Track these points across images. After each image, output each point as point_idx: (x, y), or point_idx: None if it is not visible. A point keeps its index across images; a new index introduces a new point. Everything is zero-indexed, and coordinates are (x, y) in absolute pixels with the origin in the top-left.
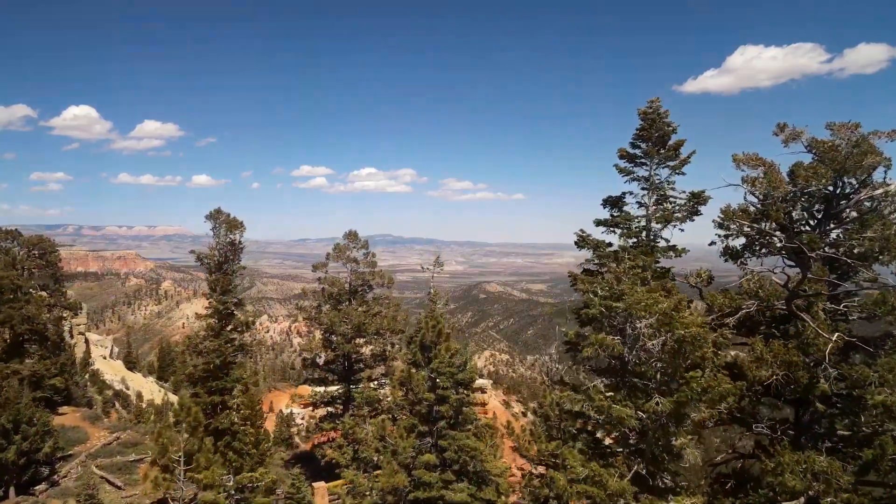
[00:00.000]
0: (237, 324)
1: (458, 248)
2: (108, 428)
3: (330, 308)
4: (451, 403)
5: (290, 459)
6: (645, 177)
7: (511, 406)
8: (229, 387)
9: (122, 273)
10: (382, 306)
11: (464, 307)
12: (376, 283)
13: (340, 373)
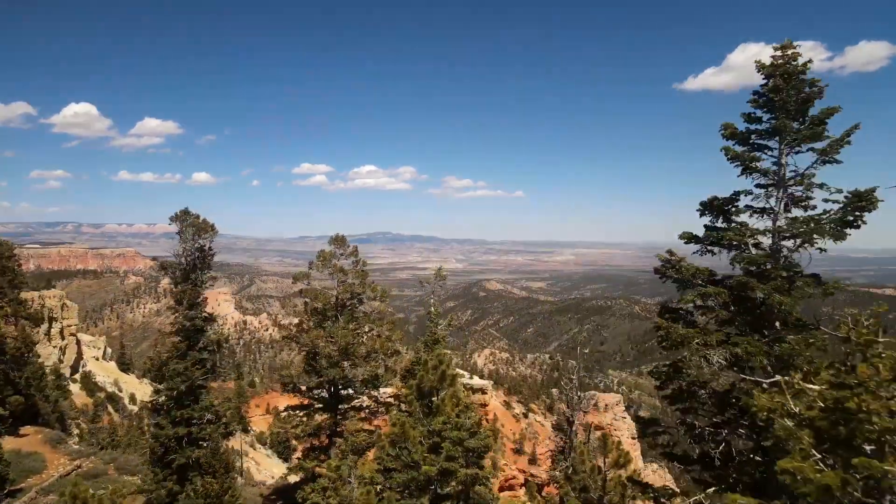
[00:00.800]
0: (207, 342)
1: (458, 245)
2: (70, 454)
3: (313, 326)
4: (459, 479)
5: (278, 488)
6: (771, 168)
7: (512, 406)
8: (197, 416)
9: (121, 271)
10: (375, 323)
11: (463, 305)
12: (368, 297)
13: (325, 401)
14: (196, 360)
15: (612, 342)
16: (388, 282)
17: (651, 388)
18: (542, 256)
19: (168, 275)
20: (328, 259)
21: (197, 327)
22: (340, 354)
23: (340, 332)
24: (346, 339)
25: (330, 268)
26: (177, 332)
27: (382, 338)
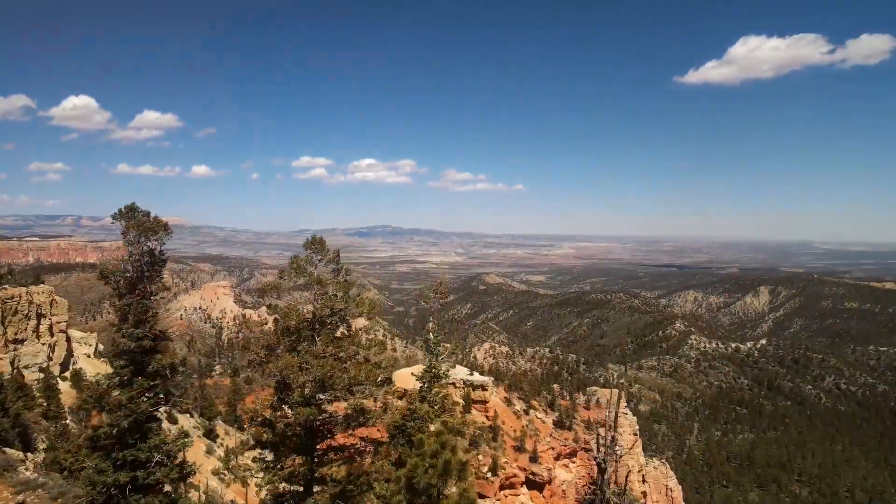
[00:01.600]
0: (158, 367)
1: (458, 239)
2: (16, 486)
3: (284, 349)
4: None
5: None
6: None
7: (513, 403)
8: (144, 458)
9: None
10: (360, 346)
11: (463, 299)
12: (352, 313)
13: (298, 444)
14: (143, 389)
15: (612, 336)
16: (387, 275)
17: (651, 381)
18: (541, 250)
19: (110, 284)
20: (303, 267)
21: (145, 348)
22: (317, 386)
23: (315, 363)
24: (324, 368)
25: (305, 276)
26: (119, 354)
27: (368, 368)
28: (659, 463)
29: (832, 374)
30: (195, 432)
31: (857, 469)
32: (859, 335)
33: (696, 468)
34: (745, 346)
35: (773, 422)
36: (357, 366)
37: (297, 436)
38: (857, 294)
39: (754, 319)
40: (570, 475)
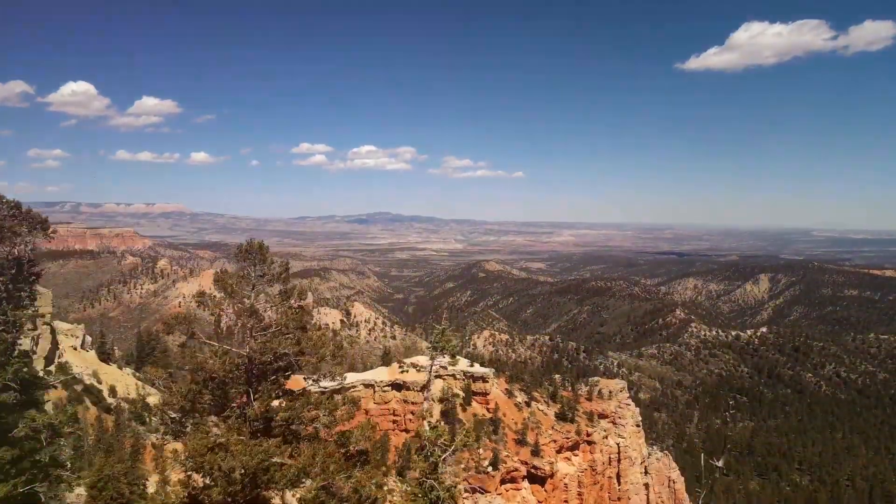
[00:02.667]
0: (27, 432)
1: (458, 226)
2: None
3: (204, 415)
4: None
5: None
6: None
7: (514, 395)
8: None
9: (119, 251)
10: (322, 408)
11: (462, 286)
12: (308, 360)
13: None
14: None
15: (612, 323)
16: (387, 262)
17: (651, 369)
18: (541, 237)
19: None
20: (233, 288)
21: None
22: (249, 478)
23: (243, 446)
24: (258, 457)
25: (238, 300)
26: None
27: (328, 449)
28: (662, 454)
29: (832, 362)
30: None
31: (858, 457)
32: (860, 323)
33: (696, 457)
34: (746, 334)
35: (774, 410)
36: (313, 447)
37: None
38: (857, 281)
39: (754, 307)
40: (573, 468)
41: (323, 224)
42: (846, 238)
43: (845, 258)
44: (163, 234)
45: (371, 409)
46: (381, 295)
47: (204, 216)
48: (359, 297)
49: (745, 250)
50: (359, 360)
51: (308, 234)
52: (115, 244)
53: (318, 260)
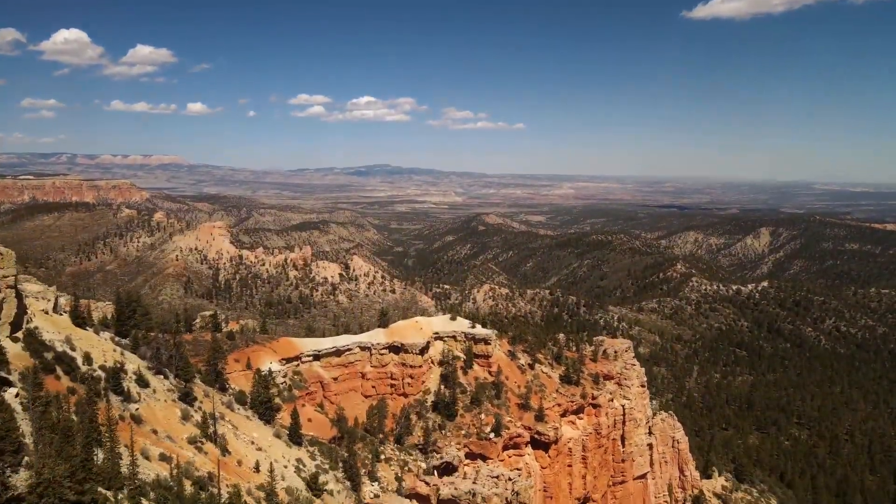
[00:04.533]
0: None
1: (457, 178)
2: None
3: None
4: None
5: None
6: None
7: (517, 357)
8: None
9: (116, 203)
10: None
11: (462, 239)
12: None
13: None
14: None
15: (612, 277)
16: (386, 215)
17: (652, 323)
18: (541, 190)
19: None
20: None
21: None
22: None
23: None
24: None
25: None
26: None
27: None
28: (666, 415)
29: (832, 317)
30: (169, 396)
31: (857, 411)
32: (860, 277)
33: (695, 411)
34: (746, 289)
35: (773, 364)
36: None
37: None
38: (858, 235)
39: (754, 261)
40: (577, 432)
41: (322, 176)
42: (847, 191)
43: (846, 212)
44: (160, 186)
45: (368, 373)
46: (381, 248)
47: (202, 168)
48: (358, 251)
49: (746, 203)
50: (358, 312)
51: (307, 187)
52: (113, 196)
53: (317, 212)
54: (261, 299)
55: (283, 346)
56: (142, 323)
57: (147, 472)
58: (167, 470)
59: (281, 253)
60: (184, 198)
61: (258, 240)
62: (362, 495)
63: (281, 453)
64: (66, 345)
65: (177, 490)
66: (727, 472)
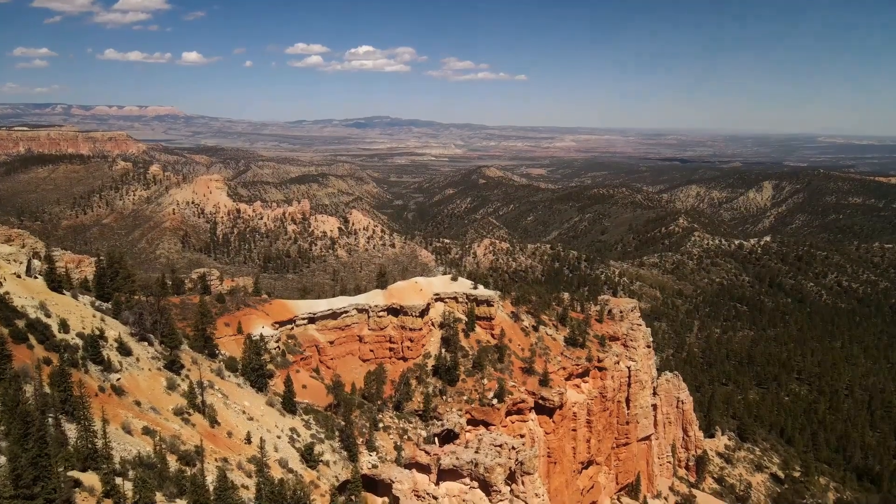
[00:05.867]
0: None
1: (458, 130)
2: None
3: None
4: None
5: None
6: None
7: (520, 318)
8: None
9: (113, 155)
10: None
11: (462, 192)
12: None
13: None
14: None
15: (614, 231)
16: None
17: (653, 278)
18: (542, 142)
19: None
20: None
21: None
22: None
23: None
24: None
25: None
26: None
27: None
28: (671, 375)
29: (834, 272)
30: (154, 364)
31: (857, 367)
32: (863, 231)
33: (695, 367)
34: (749, 243)
35: (774, 319)
36: None
37: None
38: (861, 189)
39: (756, 215)
40: (582, 396)
41: (320, 128)
42: (852, 144)
43: (850, 165)
44: (157, 138)
45: (366, 337)
46: (380, 201)
47: (199, 120)
48: (357, 204)
49: (749, 156)
50: (358, 267)
51: (305, 139)
52: (109, 148)
53: (316, 165)
54: (259, 254)
55: (276, 309)
56: (124, 286)
57: (128, 449)
58: (151, 445)
59: (279, 207)
60: (181, 150)
61: (256, 193)
62: (360, 466)
63: (274, 423)
64: (40, 311)
65: (160, 468)
66: (730, 431)
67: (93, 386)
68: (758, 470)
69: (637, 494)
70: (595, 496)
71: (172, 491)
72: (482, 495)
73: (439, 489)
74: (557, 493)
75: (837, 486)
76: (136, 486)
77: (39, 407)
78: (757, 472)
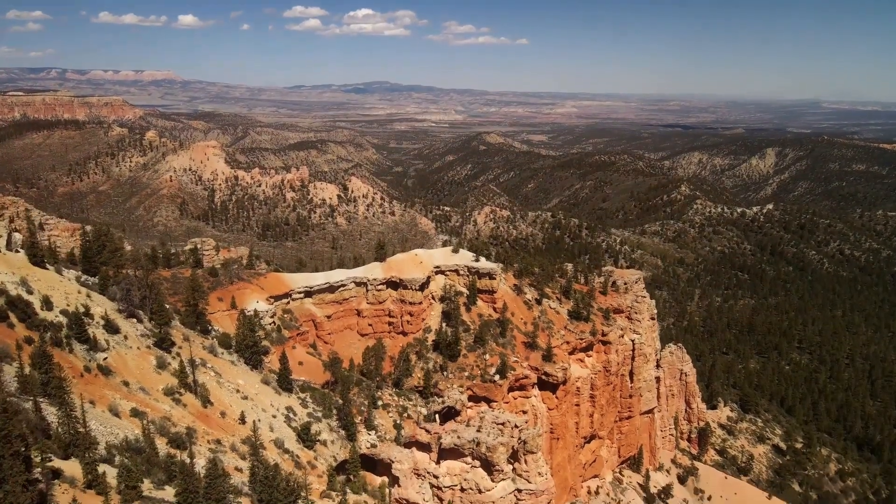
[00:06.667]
0: None
1: (458, 96)
2: None
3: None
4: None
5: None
6: None
7: (523, 291)
8: None
9: (110, 120)
10: None
11: (463, 159)
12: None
13: None
14: None
15: (615, 199)
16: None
17: (654, 247)
18: (543, 108)
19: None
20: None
21: None
22: None
23: None
24: None
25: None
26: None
27: None
28: (675, 347)
29: (837, 240)
30: (143, 342)
31: (858, 335)
32: (866, 199)
33: (696, 335)
34: (751, 211)
35: (775, 288)
36: None
37: None
38: (865, 156)
39: (758, 182)
40: (586, 371)
41: (319, 94)
42: (856, 110)
43: (854, 131)
44: (154, 104)
45: (364, 311)
46: (380, 168)
47: (196, 85)
48: (357, 171)
49: (752, 123)
50: (357, 235)
51: (304, 104)
52: (105, 114)
53: (315, 131)
54: (258, 221)
55: (271, 283)
56: (112, 259)
57: (115, 432)
58: (140, 427)
59: (278, 174)
60: (178, 115)
61: (255, 159)
62: (358, 445)
63: (269, 401)
64: (21, 287)
65: (148, 453)
66: (732, 403)
67: (78, 366)
68: (760, 441)
69: (639, 467)
70: (597, 470)
71: (161, 478)
72: (484, 474)
73: (440, 468)
74: (560, 468)
75: (839, 458)
76: (120, 475)
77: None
78: (759, 443)
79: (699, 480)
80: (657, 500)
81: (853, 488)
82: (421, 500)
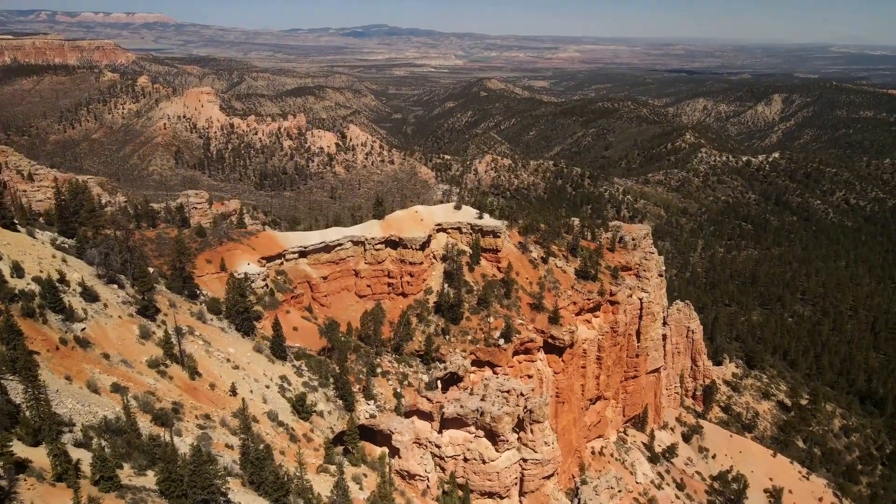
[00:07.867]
0: None
1: (458, 40)
2: None
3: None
4: None
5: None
6: None
7: (528, 250)
8: None
9: (102, 65)
10: None
11: (463, 106)
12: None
13: None
14: None
15: (618, 147)
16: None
17: (657, 196)
18: (545, 53)
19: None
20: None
21: None
22: None
23: None
24: None
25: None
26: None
27: None
28: (682, 304)
29: (842, 189)
30: (124, 310)
31: (861, 287)
32: (873, 147)
33: (699, 287)
34: (757, 160)
35: (779, 238)
36: None
37: None
38: (873, 102)
39: (763, 129)
40: (593, 332)
41: (316, 37)
42: (865, 55)
43: (863, 77)
44: (147, 48)
45: (362, 271)
46: (379, 115)
47: (190, 28)
48: (355, 118)
49: (759, 68)
50: (356, 184)
51: (301, 49)
52: (97, 58)
53: (313, 77)
54: (255, 170)
55: (263, 243)
56: (90, 219)
57: (94, 411)
58: (121, 404)
59: (274, 121)
60: (172, 60)
61: (251, 106)
62: (356, 416)
63: (262, 371)
64: None
65: (129, 434)
66: (738, 359)
67: (53, 339)
68: (765, 398)
69: (644, 426)
70: (601, 430)
71: (142, 463)
72: (488, 444)
73: (442, 438)
74: (565, 431)
75: (843, 413)
76: (94, 464)
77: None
78: (764, 399)
79: (704, 439)
80: (661, 458)
81: (857, 444)
82: (422, 471)
